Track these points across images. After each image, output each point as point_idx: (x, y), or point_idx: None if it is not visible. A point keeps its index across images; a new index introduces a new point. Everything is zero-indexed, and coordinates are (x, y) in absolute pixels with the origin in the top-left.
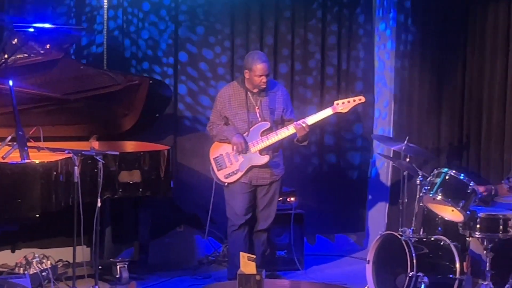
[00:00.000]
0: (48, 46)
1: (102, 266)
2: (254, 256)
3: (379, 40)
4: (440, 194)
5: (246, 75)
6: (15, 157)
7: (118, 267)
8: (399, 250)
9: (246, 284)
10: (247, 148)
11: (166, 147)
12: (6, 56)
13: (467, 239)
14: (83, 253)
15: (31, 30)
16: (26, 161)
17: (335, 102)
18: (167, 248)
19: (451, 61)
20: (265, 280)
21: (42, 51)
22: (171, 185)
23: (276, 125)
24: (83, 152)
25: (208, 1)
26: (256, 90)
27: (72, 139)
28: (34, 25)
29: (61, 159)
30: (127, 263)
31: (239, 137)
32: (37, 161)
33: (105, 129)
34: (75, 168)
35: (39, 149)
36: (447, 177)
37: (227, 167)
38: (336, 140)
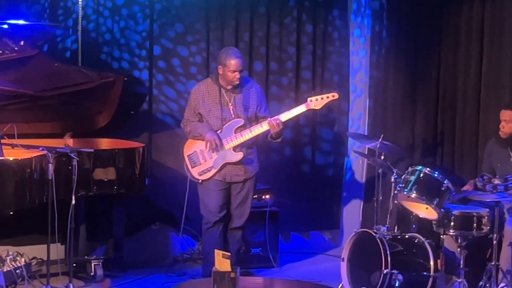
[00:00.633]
0: (22, 43)
1: (77, 264)
2: (229, 254)
3: (354, 38)
4: (415, 192)
5: (220, 71)
6: None
7: (93, 265)
8: (374, 248)
9: (221, 282)
10: (221, 145)
11: (141, 145)
12: None
13: (441, 237)
14: (58, 251)
15: (5, 27)
16: (0, 158)
17: (309, 99)
18: (142, 246)
19: (426, 60)
20: (240, 278)
21: (16, 48)
22: (146, 183)
23: (250, 122)
24: (58, 149)
25: None
26: (230, 87)
27: (47, 136)
28: (8, 22)
29: (35, 156)
30: (102, 261)
31: (213, 134)
32: (11, 158)
33: (80, 126)
34: (49, 166)
35: (13, 146)
36: (422, 175)
37: (201, 164)
38: (311, 138)
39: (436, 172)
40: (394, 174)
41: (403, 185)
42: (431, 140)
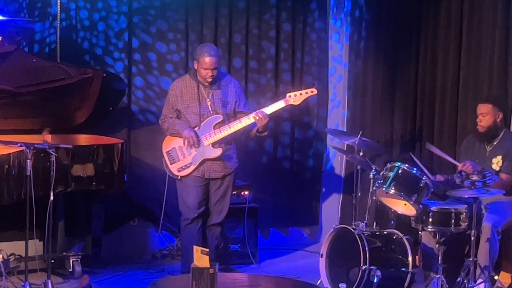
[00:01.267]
0: (0, 39)
1: (55, 260)
2: (208, 250)
3: (333, 35)
4: (393, 188)
5: (195, 66)
6: None
7: (71, 261)
8: (352, 244)
9: (200, 278)
10: (199, 142)
11: (120, 141)
12: None
13: (420, 233)
14: (36, 247)
15: None
16: None
17: (287, 95)
18: (121, 242)
19: (405, 56)
20: (219, 274)
21: None
22: (125, 179)
23: (229, 118)
24: (36, 145)
25: None
26: (208, 83)
27: (25, 132)
28: None
29: (13, 152)
30: (80, 257)
31: (190, 131)
32: None
33: (58, 122)
34: (28, 162)
35: None
36: (400, 171)
37: (180, 161)
38: (290, 134)
39: (415, 169)
40: (373, 171)
41: (382, 181)
42: (410, 137)
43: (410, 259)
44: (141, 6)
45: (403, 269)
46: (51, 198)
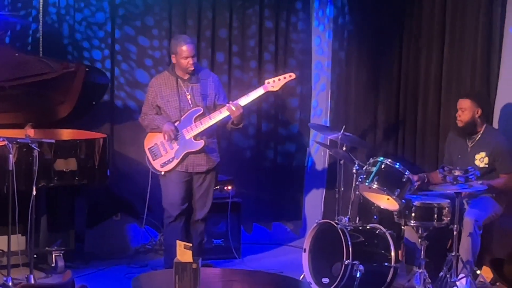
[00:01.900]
0: None
1: (38, 255)
2: (191, 245)
3: (317, 30)
4: (376, 183)
5: (173, 60)
6: None
7: (54, 256)
8: (335, 239)
9: (183, 273)
10: (178, 135)
11: (103, 135)
12: None
13: (402, 228)
14: (18, 242)
15: None
16: None
17: (266, 81)
18: (104, 237)
19: (388, 51)
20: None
21: None
22: (108, 174)
23: (209, 111)
24: (18, 140)
25: None
26: (187, 77)
27: (7, 127)
28: None
29: None
30: (63, 252)
31: (170, 125)
32: None
33: (41, 117)
34: (10, 156)
35: None
36: (383, 166)
37: (163, 156)
38: (274, 129)
39: (398, 163)
40: (356, 165)
41: (365, 176)
42: (393, 132)
43: (393, 254)
44: (125, 2)
45: (386, 264)
46: (34, 193)
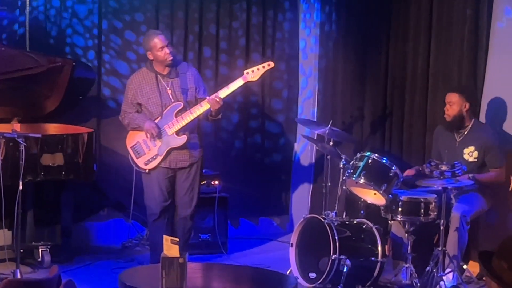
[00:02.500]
0: None
1: (24, 250)
2: (178, 239)
3: (304, 25)
4: (363, 178)
5: (150, 57)
6: None
7: (40, 251)
8: (322, 233)
9: (170, 267)
10: (160, 133)
11: (89, 130)
12: None
13: (389, 222)
14: (5, 237)
15: None
16: None
17: (245, 72)
18: (90, 232)
19: (375, 46)
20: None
21: None
22: (94, 168)
23: (190, 105)
24: (5, 135)
25: None
26: (166, 72)
27: None
28: None
29: None
30: (49, 247)
31: (150, 123)
32: None
33: (28, 111)
34: None
35: None
36: (370, 161)
37: (146, 154)
38: (260, 123)
39: (385, 158)
40: (343, 160)
41: (352, 171)
42: (380, 126)
43: (380, 249)
44: None
45: (373, 259)
46: (20, 188)
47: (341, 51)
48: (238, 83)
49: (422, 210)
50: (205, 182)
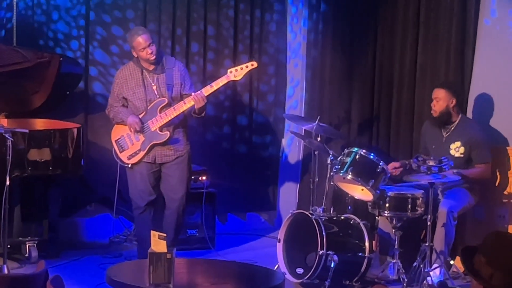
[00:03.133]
0: None
1: (11, 245)
2: (165, 235)
3: (292, 21)
4: (350, 173)
5: (134, 54)
6: None
7: (27, 246)
8: (310, 229)
9: (157, 263)
10: (144, 127)
11: (77, 125)
12: None
13: (376, 218)
14: None
15: None
16: None
17: (229, 70)
18: (78, 227)
19: (363, 42)
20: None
21: None
22: (82, 164)
23: (175, 101)
24: None
25: None
26: (152, 67)
27: None
28: None
29: None
30: (37, 242)
31: (134, 118)
32: None
33: (15, 107)
34: None
35: None
36: (357, 157)
37: (129, 148)
38: (248, 119)
39: (372, 154)
40: (330, 156)
41: (339, 167)
42: (367, 122)
43: (367, 244)
44: None
45: (360, 254)
46: (7, 183)
47: (329, 46)
48: (222, 82)
49: (409, 206)
50: (193, 178)
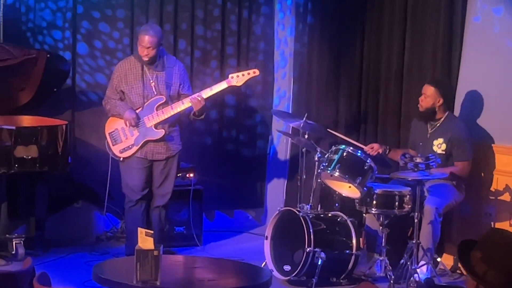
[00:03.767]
0: None
1: None
2: (152, 232)
3: (279, 18)
4: (338, 171)
5: (138, 45)
6: None
7: (14, 243)
8: (297, 226)
9: (144, 260)
10: (139, 123)
11: (64, 122)
12: None
13: (364, 215)
14: None
15: None
16: None
17: (230, 76)
18: (65, 224)
19: (350, 39)
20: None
21: None
22: (69, 161)
23: (172, 100)
24: None
25: None
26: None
27: None
28: None
29: None
30: (23, 239)
31: (131, 112)
32: None
33: (1, 103)
34: None
35: None
36: (345, 154)
37: (122, 142)
38: (236, 116)
39: (359, 151)
40: (318, 153)
41: (327, 164)
42: (355, 119)
43: (354, 241)
44: None
45: (347, 251)
46: None
47: (316, 45)
48: (222, 86)
49: (397, 203)
50: (180, 175)
